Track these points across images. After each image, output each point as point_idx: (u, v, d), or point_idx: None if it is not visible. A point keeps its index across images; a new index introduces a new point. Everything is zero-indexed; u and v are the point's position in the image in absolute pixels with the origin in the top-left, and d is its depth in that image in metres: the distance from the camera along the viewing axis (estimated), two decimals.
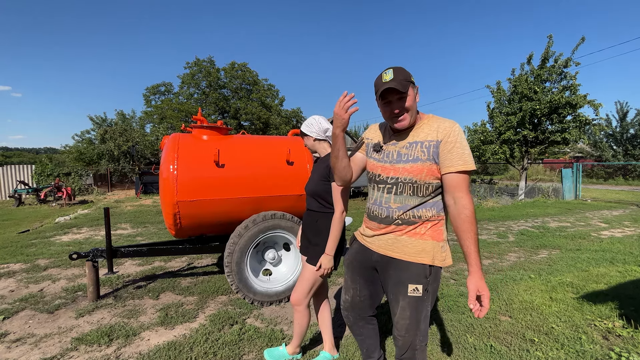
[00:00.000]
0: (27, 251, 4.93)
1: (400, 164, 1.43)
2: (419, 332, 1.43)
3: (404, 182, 1.42)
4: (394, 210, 1.45)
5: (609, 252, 4.73)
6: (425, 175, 1.39)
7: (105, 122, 22.60)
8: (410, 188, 1.41)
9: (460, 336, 2.45)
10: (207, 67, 23.74)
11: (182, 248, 3.37)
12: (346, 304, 1.71)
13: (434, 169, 1.38)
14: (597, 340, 2.40)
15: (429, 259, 1.40)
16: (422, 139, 1.41)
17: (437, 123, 1.42)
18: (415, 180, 1.40)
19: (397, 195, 1.44)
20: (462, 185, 1.34)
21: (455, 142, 1.35)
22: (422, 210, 1.42)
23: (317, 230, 1.95)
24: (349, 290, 1.67)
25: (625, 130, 22.51)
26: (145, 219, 7.82)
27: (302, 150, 3.41)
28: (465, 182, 1.35)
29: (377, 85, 1.39)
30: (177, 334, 2.51)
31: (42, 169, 14.52)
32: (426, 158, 1.38)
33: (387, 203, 1.47)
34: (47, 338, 2.46)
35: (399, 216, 1.44)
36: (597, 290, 3.32)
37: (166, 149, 3.01)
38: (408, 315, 1.42)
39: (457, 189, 1.34)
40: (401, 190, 1.43)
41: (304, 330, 2.06)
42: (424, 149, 1.39)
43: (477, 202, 10.39)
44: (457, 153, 1.34)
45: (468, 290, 1.31)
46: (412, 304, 1.41)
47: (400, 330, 1.44)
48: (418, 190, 1.41)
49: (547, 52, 10.96)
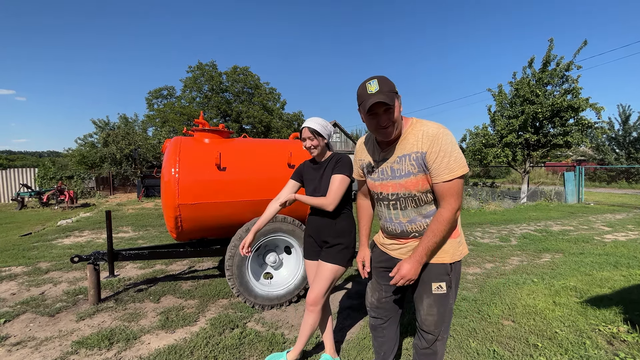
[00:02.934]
0: (29, 254, 4.93)
1: (395, 179, 1.46)
2: (444, 327, 1.52)
3: (404, 197, 1.46)
4: (405, 224, 1.50)
5: (612, 256, 4.69)
6: (421, 186, 1.42)
7: (108, 125, 22.76)
8: (412, 202, 1.45)
9: (463, 341, 2.43)
10: (209, 71, 23.90)
11: (183, 251, 3.37)
12: (373, 305, 1.75)
13: (425, 179, 1.41)
14: (601, 345, 2.37)
15: (448, 258, 1.46)
16: (409, 150, 1.40)
17: (421, 130, 1.39)
18: (414, 194, 1.43)
19: (403, 210, 1.48)
20: (449, 192, 1.36)
21: (439, 150, 1.33)
22: (429, 220, 1.46)
23: (336, 232, 1.94)
24: (376, 292, 1.73)
25: (628, 133, 22.43)
26: (147, 222, 7.82)
27: (303, 153, 3.41)
28: (453, 188, 1.35)
29: (362, 97, 1.34)
30: (178, 337, 2.50)
31: (44, 172, 14.61)
32: (417, 171, 1.40)
33: (397, 219, 1.52)
34: (48, 341, 2.45)
35: (413, 229, 1.49)
36: (601, 294, 3.28)
37: (168, 152, 3.02)
38: (435, 312, 1.49)
39: (443, 196, 1.38)
40: (404, 205, 1.47)
41: (311, 333, 2.01)
42: (413, 161, 1.40)
43: (479, 205, 10.35)
44: (443, 163, 1.33)
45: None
46: (437, 301, 1.48)
47: (429, 326, 1.51)
48: (419, 201, 1.45)
49: (548, 55, 10.98)
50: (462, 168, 1.34)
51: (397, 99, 1.36)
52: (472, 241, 5.73)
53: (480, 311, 2.91)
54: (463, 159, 1.35)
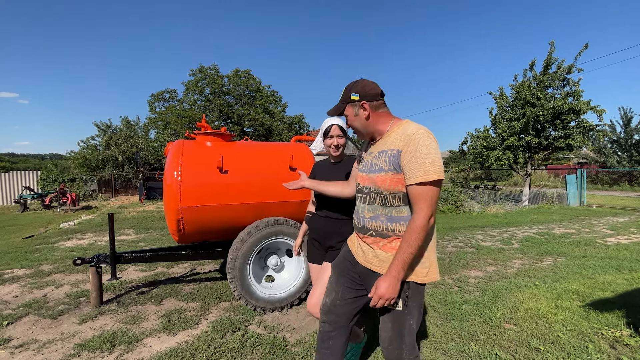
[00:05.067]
0: (32, 256, 4.95)
1: (371, 173, 1.44)
2: (404, 346, 1.39)
3: (374, 192, 1.42)
4: (367, 220, 1.46)
5: (615, 259, 4.67)
6: (388, 185, 1.36)
7: (110, 128, 22.84)
8: (379, 198, 1.40)
9: (465, 344, 2.42)
10: (211, 74, 24.02)
11: (185, 254, 3.38)
12: (325, 308, 1.64)
13: (397, 179, 1.34)
14: (604, 349, 2.36)
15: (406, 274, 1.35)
16: (388, 147, 1.39)
17: (403, 130, 1.37)
18: (381, 191, 1.39)
19: (370, 205, 1.45)
20: (421, 197, 1.27)
21: (415, 151, 1.27)
22: (395, 225, 1.39)
23: (342, 235, 1.93)
24: (331, 293, 1.63)
25: (629, 136, 22.37)
26: (149, 225, 7.84)
27: (304, 156, 3.42)
28: (427, 193, 1.27)
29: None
30: (180, 340, 2.50)
31: (47, 175, 14.67)
32: (388, 168, 1.36)
33: (362, 213, 1.48)
34: (50, 344, 2.46)
35: (372, 227, 1.44)
36: (603, 298, 3.27)
37: (170, 155, 3.04)
38: (389, 327, 1.41)
39: (416, 201, 1.29)
40: (372, 200, 1.43)
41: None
42: (387, 158, 1.37)
43: (481, 208, 10.33)
44: (417, 163, 1.26)
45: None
46: (392, 317, 1.40)
47: (383, 342, 1.44)
48: (386, 200, 1.39)
49: (549, 58, 11.00)
50: (438, 173, 1.26)
51: (351, 105, 1.45)
52: (473, 244, 5.72)
53: (482, 314, 2.90)
54: (440, 165, 1.28)
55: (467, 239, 6.14)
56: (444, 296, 3.32)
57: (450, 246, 5.61)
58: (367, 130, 1.47)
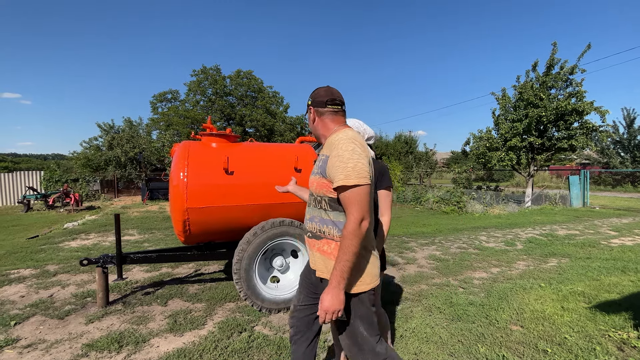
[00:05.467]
0: (37, 257, 4.97)
1: (311, 176, 1.52)
2: (364, 354, 1.36)
3: (311, 194, 1.49)
4: (307, 221, 1.52)
5: (620, 260, 4.66)
6: (316, 187, 1.42)
7: (112, 129, 22.91)
8: (313, 200, 1.47)
9: (472, 346, 2.42)
10: (213, 74, 24.06)
11: (191, 254, 3.39)
12: (291, 310, 1.66)
13: (322, 183, 1.37)
14: (612, 351, 2.36)
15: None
16: (322, 152, 1.46)
17: (335, 136, 1.40)
18: (314, 194, 1.45)
19: (309, 207, 1.51)
20: (350, 202, 1.26)
21: (338, 155, 1.29)
22: (325, 227, 1.39)
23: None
24: (297, 295, 1.64)
25: (632, 136, 22.30)
26: (152, 225, 7.86)
27: (309, 157, 3.43)
28: (354, 197, 1.25)
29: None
30: (186, 340, 2.51)
31: (50, 175, 14.72)
32: (317, 172, 1.42)
33: (307, 213, 1.54)
34: (58, 344, 2.47)
35: (310, 228, 1.49)
36: (609, 300, 3.26)
37: (176, 157, 3.05)
38: (344, 337, 1.40)
39: (346, 206, 1.28)
40: (310, 202, 1.51)
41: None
42: (319, 162, 1.44)
43: (483, 209, 10.31)
44: (340, 167, 1.27)
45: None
46: (342, 328, 1.39)
47: (344, 348, 1.43)
48: (317, 203, 1.43)
49: (552, 59, 10.97)
50: (359, 178, 1.24)
51: (310, 109, 1.52)
52: (477, 245, 5.71)
53: (488, 316, 2.90)
54: (363, 170, 1.26)
55: (471, 240, 6.14)
56: (449, 297, 3.32)
57: (454, 247, 5.60)
58: (316, 134, 1.56)
